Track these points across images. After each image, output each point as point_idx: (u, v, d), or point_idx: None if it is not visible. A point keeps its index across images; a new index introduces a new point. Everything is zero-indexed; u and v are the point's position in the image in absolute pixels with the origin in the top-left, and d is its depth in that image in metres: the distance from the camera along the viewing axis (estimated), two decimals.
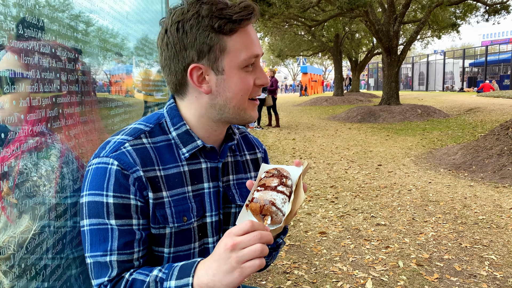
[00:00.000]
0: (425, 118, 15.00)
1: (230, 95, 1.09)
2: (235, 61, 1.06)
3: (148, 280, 0.96)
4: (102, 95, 1.78)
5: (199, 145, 1.13)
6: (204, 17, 1.02)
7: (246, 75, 1.09)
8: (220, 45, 1.04)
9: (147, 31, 2.98)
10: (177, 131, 1.14)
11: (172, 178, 1.11)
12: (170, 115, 1.16)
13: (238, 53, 1.05)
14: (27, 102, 0.96)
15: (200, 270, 0.93)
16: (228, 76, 1.07)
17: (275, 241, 1.28)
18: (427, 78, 39.75)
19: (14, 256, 0.85)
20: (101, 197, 1.00)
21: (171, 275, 0.94)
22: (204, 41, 1.03)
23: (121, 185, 1.01)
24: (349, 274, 3.42)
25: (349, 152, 9.06)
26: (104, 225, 1.01)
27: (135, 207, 1.03)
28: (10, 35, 0.94)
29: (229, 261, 0.87)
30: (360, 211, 5.03)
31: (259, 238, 0.88)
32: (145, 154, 1.08)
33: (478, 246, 3.94)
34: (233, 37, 1.05)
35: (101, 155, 1.05)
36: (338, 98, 26.39)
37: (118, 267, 1.00)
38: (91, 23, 1.62)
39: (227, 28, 1.03)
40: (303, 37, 31.71)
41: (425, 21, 17.42)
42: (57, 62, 1.16)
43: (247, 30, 1.07)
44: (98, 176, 1.02)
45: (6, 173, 0.84)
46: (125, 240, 1.01)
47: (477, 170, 6.80)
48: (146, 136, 1.12)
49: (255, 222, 0.90)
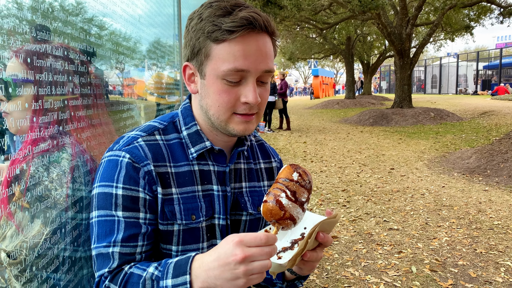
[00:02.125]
0: (438, 121, 14.82)
1: (210, 102, 1.08)
2: (215, 70, 1.03)
3: (144, 277, 0.94)
4: (114, 98, 1.78)
5: (207, 146, 1.14)
6: (202, 20, 1.03)
7: (227, 87, 1.04)
8: (206, 50, 1.04)
9: (159, 34, 2.99)
10: (188, 131, 1.16)
11: (182, 175, 1.12)
12: (184, 115, 1.19)
13: (220, 63, 1.02)
14: (39, 105, 0.96)
15: (197, 269, 0.90)
16: (208, 83, 1.06)
17: (293, 284, 1.24)
18: (440, 81, 39.31)
19: (25, 260, 0.84)
20: (111, 189, 1.02)
21: (167, 273, 0.92)
22: (196, 43, 1.05)
23: (131, 177, 1.03)
24: (361, 279, 3.37)
25: (361, 156, 8.99)
26: (111, 216, 1.02)
27: (143, 201, 1.04)
28: (24, 38, 0.94)
29: (236, 271, 0.85)
30: (372, 215, 4.97)
31: (270, 254, 0.86)
32: (157, 150, 1.10)
33: (494, 252, 3.86)
34: (220, 46, 1.02)
35: (114, 148, 1.08)
36: (349, 101, 26.25)
37: (119, 258, 1.00)
38: (104, 26, 1.62)
39: (215, 35, 1.01)
40: (315, 40, 31.63)
41: (438, 24, 17.25)
42: (69, 65, 1.16)
43: (241, 42, 1.01)
44: (110, 168, 1.04)
45: (18, 176, 0.84)
46: (130, 233, 1.02)
47: (492, 175, 6.68)
48: (159, 133, 1.14)
49: (270, 235, 0.87)
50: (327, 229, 1.06)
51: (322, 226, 1.02)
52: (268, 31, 1.06)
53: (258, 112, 1.12)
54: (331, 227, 1.08)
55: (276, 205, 0.95)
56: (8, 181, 0.80)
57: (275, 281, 1.24)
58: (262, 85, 1.09)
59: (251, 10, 1.02)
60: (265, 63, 1.05)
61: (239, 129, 1.10)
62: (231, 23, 0.99)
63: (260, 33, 1.03)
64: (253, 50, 1.02)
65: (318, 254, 1.06)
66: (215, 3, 1.03)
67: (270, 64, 1.08)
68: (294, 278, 1.22)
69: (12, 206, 0.82)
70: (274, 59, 1.13)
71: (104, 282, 0.99)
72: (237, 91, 1.05)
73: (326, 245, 1.07)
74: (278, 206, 0.95)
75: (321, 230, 1.03)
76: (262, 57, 1.04)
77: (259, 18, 1.02)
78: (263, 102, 1.12)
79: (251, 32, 1.01)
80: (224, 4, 1.02)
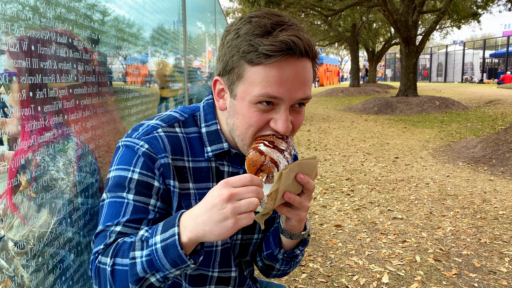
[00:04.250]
0: (443, 110, 14.72)
1: (237, 123, 1.03)
2: (247, 93, 0.98)
3: (134, 242, 0.92)
4: (118, 85, 1.77)
5: (224, 147, 1.12)
6: (239, 36, 0.97)
7: (256, 111, 0.99)
8: (239, 70, 0.98)
9: (163, 20, 2.95)
10: (207, 128, 1.13)
11: (199, 171, 1.11)
12: (206, 111, 1.16)
13: (253, 86, 0.96)
14: (43, 94, 0.95)
15: (186, 220, 0.88)
16: (238, 105, 1.01)
17: (292, 251, 1.25)
18: (446, 69, 38.98)
19: (32, 249, 0.84)
20: (127, 172, 1.01)
21: (156, 231, 0.90)
22: (229, 60, 0.99)
23: (149, 166, 1.02)
24: (365, 268, 3.38)
25: (365, 144, 8.96)
26: (121, 198, 1.01)
27: (157, 189, 1.04)
28: (27, 24, 0.93)
29: (223, 211, 0.83)
30: (376, 204, 4.97)
31: (257, 193, 0.86)
32: (176, 143, 1.08)
33: (498, 242, 3.85)
34: (254, 69, 0.95)
35: (133, 136, 1.06)
36: (354, 89, 26.09)
37: (116, 237, 0.98)
38: (107, 12, 1.60)
39: (250, 57, 0.95)
40: (319, 27, 31.32)
41: (445, 11, 17.00)
42: (73, 52, 1.14)
43: (277, 68, 0.94)
44: (128, 154, 1.03)
45: (24, 166, 0.83)
46: (136, 217, 1.00)
47: (497, 164, 6.65)
48: (179, 125, 1.12)
49: (254, 176, 0.88)
50: (308, 172, 1.03)
51: (300, 167, 1.00)
52: (309, 56, 0.98)
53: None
54: (311, 170, 1.04)
55: (256, 152, 0.96)
56: (14, 171, 0.79)
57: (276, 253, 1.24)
58: (296, 111, 1.03)
59: (293, 33, 0.94)
60: (301, 91, 0.99)
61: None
62: (269, 46, 0.92)
63: (300, 59, 0.96)
64: (290, 77, 0.95)
65: (302, 200, 1.03)
66: (255, 19, 0.96)
67: (308, 91, 1.01)
68: (293, 246, 1.23)
69: (19, 196, 0.81)
70: (312, 83, 1.05)
71: (97, 258, 0.96)
72: (268, 116, 0.99)
73: (309, 188, 1.03)
74: (257, 153, 0.95)
75: (300, 171, 1.01)
76: (299, 85, 0.98)
77: (300, 43, 0.94)
78: (296, 129, 1.06)
79: (289, 58, 0.94)
80: (264, 21, 0.94)
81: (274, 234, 1.25)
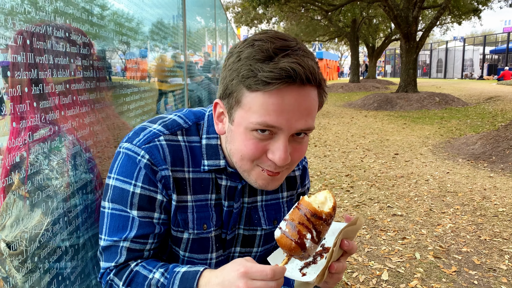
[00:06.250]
0: (443, 106, 14.69)
1: (234, 150, 0.99)
2: (244, 119, 0.92)
3: (149, 280, 0.94)
4: (117, 80, 1.74)
5: (220, 165, 1.07)
6: (240, 60, 0.91)
7: (253, 139, 0.93)
8: (238, 95, 0.92)
9: (162, 15, 2.92)
10: (207, 141, 1.09)
11: (199, 182, 1.08)
12: (209, 121, 1.11)
13: (250, 113, 0.91)
14: (39, 89, 0.92)
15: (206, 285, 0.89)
16: (236, 130, 0.96)
17: None
18: (446, 65, 38.90)
19: (26, 251, 0.82)
20: (129, 186, 0.99)
21: (173, 283, 0.91)
22: (229, 84, 0.94)
23: (150, 180, 1.00)
24: (365, 265, 3.37)
25: (365, 141, 8.94)
26: (125, 212, 1.00)
27: (160, 202, 1.02)
28: (26, 18, 0.90)
29: None
30: (376, 201, 4.95)
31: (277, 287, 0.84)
32: (177, 153, 1.04)
33: (498, 239, 3.84)
34: (253, 95, 0.90)
35: (134, 142, 1.03)
36: (354, 85, 26.02)
37: (127, 254, 0.99)
38: (106, 6, 1.57)
39: (248, 82, 0.89)
40: (320, 22, 31.20)
41: (445, 6, 16.92)
42: (71, 47, 1.11)
43: (276, 95, 0.88)
44: (129, 164, 1.00)
45: (17, 164, 0.80)
46: (143, 232, 1.00)
47: (497, 161, 6.63)
48: (182, 133, 1.08)
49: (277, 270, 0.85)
50: (350, 235, 1.00)
51: (345, 233, 0.97)
52: (311, 84, 0.91)
53: (288, 168, 1.01)
54: (354, 234, 1.02)
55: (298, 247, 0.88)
56: (8, 169, 0.76)
57: None
58: (298, 141, 0.97)
59: (295, 60, 0.87)
60: (302, 121, 0.92)
61: (260, 184, 1.00)
62: (268, 73, 0.86)
63: (302, 87, 0.90)
64: (290, 105, 0.89)
65: (343, 264, 1.00)
66: (258, 42, 0.90)
67: (310, 121, 0.94)
68: None
69: (12, 195, 0.79)
70: (316, 113, 0.98)
71: (108, 274, 0.98)
72: (266, 145, 0.94)
73: (351, 252, 1.00)
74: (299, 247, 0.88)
75: (344, 237, 0.98)
76: (299, 114, 0.91)
77: (301, 71, 0.87)
78: (296, 160, 0.99)
79: (290, 85, 0.88)
80: (267, 46, 0.88)
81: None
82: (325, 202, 0.92)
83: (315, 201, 0.90)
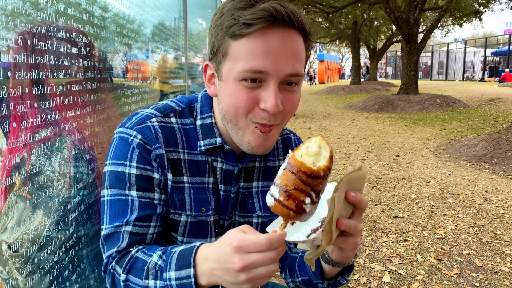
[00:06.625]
0: (445, 108, 14.67)
1: (225, 106, 0.96)
2: (232, 70, 0.91)
3: (148, 264, 0.89)
4: (118, 81, 1.74)
5: (217, 143, 1.05)
6: (223, 14, 0.92)
7: (244, 89, 0.91)
8: (224, 47, 0.92)
9: (164, 17, 2.92)
10: (202, 121, 1.08)
11: (195, 164, 1.05)
12: (202, 102, 1.10)
13: (237, 62, 0.90)
14: (40, 90, 0.92)
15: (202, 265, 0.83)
16: (225, 85, 0.94)
17: (336, 282, 1.09)
18: (447, 67, 38.88)
19: (27, 252, 0.81)
20: (124, 167, 0.97)
21: (170, 263, 0.86)
22: (215, 40, 0.95)
23: (145, 159, 0.98)
24: (366, 267, 3.36)
25: (366, 142, 8.93)
26: (124, 196, 0.97)
27: (158, 181, 1.00)
28: (27, 19, 0.90)
29: (238, 279, 0.77)
30: (377, 203, 4.94)
31: (275, 259, 0.76)
32: (170, 134, 1.03)
33: (500, 241, 3.83)
34: (238, 42, 0.89)
35: (126, 125, 1.02)
36: (355, 87, 26.03)
37: (129, 238, 0.95)
38: (108, 8, 1.57)
39: (232, 30, 0.88)
40: (321, 24, 31.23)
41: (447, 8, 16.93)
42: (72, 48, 1.11)
43: (260, 38, 0.87)
44: (122, 146, 0.99)
45: (18, 165, 0.80)
46: (145, 214, 0.97)
47: (498, 163, 6.62)
48: (175, 115, 1.07)
49: (273, 237, 0.75)
50: (356, 186, 0.86)
51: (349, 184, 0.84)
52: (295, 26, 0.90)
53: (280, 123, 0.98)
54: (360, 183, 0.87)
55: (297, 215, 0.77)
56: (9, 170, 0.76)
57: (315, 282, 1.10)
58: (288, 90, 0.95)
59: (276, 2, 0.88)
60: (289, 64, 0.90)
61: (253, 145, 0.97)
62: (250, 15, 0.86)
63: (286, 29, 0.89)
64: (275, 47, 0.87)
65: (356, 223, 0.87)
66: None
67: (297, 66, 0.92)
68: (336, 273, 1.08)
69: (13, 196, 0.78)
70: (303, 61, 0.95)
71: (111, 263, 0.94)
72: (256, 95, 0.91)
73: (361, 206, 0.87)
74: (299, 214, 0.77)
75: (350, 188, 0.85)
76: (286, 57, 0.89)
77: (282, 10, 0.86)
78: (288, 112, 0.96)
79: (273, 27, 0.87)
80: None
81: None
82: (320, 152, 0.78)
83: (308, 156, 0.77)
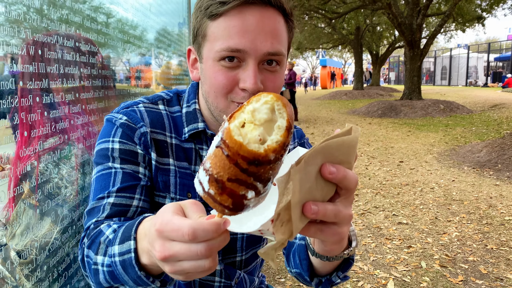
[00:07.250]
0: (448, 113, 14.64)
1: (207, 88, 0.95)
2: (211, 50, 0.90)
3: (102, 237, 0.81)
4: (122, 87, 1.75)
5: (199, 127, 1.03)
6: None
7: (222, 69, 0.89)
8: (203, 29, 0.91)
9: (167, 22, 2.94)
10: (187, 109, 1.07)
11: (182, 151, 1.04)
12: (189, 91, 1.11)
13: (215, 41, 0.88)
14: (50, 98, 0.93)
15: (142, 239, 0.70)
16: (205, 67, 0.93)
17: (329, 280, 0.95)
18: (450, 73, 38.85)
19: (36, 259, 0.82)
20: (108, 143, 0.96)
21: (116, 236, 0.76)
22: (196, 24, 0.94)
23: (128, 136, 0.97)
24: (370, 274, 3.34)
25: (369, 148, 8.91)
26: (108, 169, 0.94)
27: (142, 156, 0.97)
28: (32, 27, 0.91)
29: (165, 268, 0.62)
30: (381, 209, 4.93)
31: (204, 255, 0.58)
32: (157, 118, 1.02)
33: (505, 248, 3.80)
34: (215, 23, 0.88)
35: (114, 111, 1.02)
36: (358, 92, 26.01)
37: (110, 209, 0.88)
38: (111, 14, 1.58)
39: (209, 10, 0.88)
40: (323, 30, 31.32)
41: (449, 14, 16.94)
42: (80, 56, 1.12)
43: (237, 17, 0.86)
44: (107, 127, 0.99)
45: (28, 173, 0.81)
46: (127, 184, 0.92)
47: (503, 169, 6.59)
48: (163, 103, 1.07)
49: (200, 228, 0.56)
50: (339, 157, 0.61)
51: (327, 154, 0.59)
52: (272, 4, 0.88)
53: None
54: (346, 153, 0.62)
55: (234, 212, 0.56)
56: (18, 178, 0.77)
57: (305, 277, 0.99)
58: (269, 70, 0.92)
59: None
60: (268, 43, 0.87)
61: None
62: None
63: (264, 7, 0.87)
64: (252, 25, 0.86)
65: (339, 208, 0.64)
66: None
67: (276, 45, 0.89)
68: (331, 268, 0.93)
69: (22, 204, 0.79)
70: (285, 42, 0.93)
71: (84, 238, 0.85)
72: (236, 74, 0.90)
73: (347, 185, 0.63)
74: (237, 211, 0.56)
75: (329, 160, 0.60)
76: (264, 35, 0.87)
77: None
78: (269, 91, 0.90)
79: (250, 5, 0.86)
80: None
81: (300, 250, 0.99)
82: (271, 120, 0.53)
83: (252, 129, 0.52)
